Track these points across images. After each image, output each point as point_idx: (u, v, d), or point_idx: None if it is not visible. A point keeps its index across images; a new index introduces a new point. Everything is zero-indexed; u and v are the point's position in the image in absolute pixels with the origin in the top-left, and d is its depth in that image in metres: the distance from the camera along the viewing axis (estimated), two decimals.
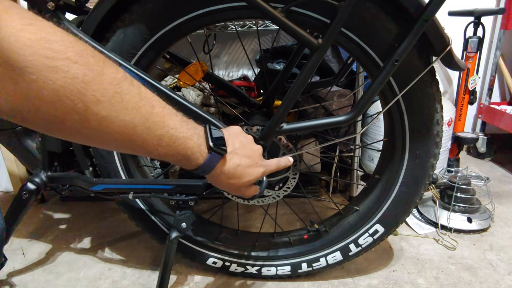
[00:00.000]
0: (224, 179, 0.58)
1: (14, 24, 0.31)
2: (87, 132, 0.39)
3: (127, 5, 0.73)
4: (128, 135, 0.42)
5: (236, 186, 0.60)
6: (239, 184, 0.60)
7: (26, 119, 0.35)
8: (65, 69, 0.34)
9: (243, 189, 0.62)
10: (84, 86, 0.36)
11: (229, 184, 0.60)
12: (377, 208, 0.88)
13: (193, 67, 0.98)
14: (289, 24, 0.65)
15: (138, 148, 0.45)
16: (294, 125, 0.75)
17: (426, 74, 0.72)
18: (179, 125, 0.48)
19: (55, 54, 0.33)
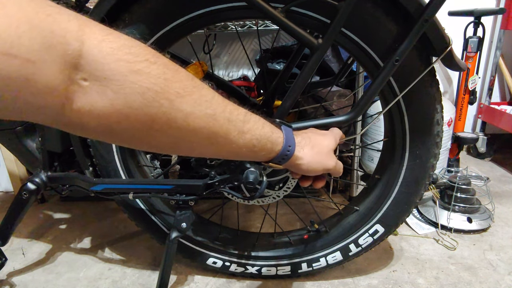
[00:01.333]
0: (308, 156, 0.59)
1: (95, 36, 0.32)
2: (175, 134, 0.40)
3: (127, 5, 0.73)
4: (212, 128, 0.43)
5: (319, 158, 0.60)
6: (322, 155, 0.61)
7: (115, 132, 0.36)
8: (147, 70, 0.35)
9: (326, 160, 0.61)
10: (166, 84, 0.37)
11: (313, 157, 0.60)
12: (377, 208, 0.88)
13: (193, 67, 0.98)
14: (289, 24, 0.65)
15: (222, 141, 0.45)
16: (294, 125, 0.75)
17: (426, 74, 0.72)
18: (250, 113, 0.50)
19: (136, 57, 0.35)
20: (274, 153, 0.54)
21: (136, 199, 0.91)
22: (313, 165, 0.60)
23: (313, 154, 0.59)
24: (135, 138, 0.38)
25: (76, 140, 0.85)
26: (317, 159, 0.60)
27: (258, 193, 0.76)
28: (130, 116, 0.35)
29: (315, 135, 0.62)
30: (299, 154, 0.57)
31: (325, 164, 0.61)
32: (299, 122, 0.75)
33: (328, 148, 0.62)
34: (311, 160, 0.59)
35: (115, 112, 0.34)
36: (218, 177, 0.80)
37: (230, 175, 0.80)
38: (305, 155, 0.58)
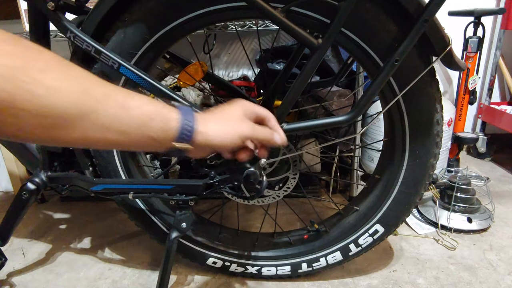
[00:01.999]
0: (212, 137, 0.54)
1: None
2: (42, 112, 0.38)
3: (127, 5, 0.73)
4: (85, 103, 0.41)
5: (229, 126, 0.56)
6: (230, 122, 0.57)
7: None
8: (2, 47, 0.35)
9: (237, 126, 0.57)
10: (26, 62, 0.37)
11: (222, 127, 0.55)
12: (377, 208, 0.88)
13: (193, 67, 0.98)
14: (289, 24, 0.65)
15: (102, 118, 0.43)
16: (294, 125, 0.75)
17: (426, 74, 0.72)
18: (135, 92, 0.47)
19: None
20: (171, 131, 0.49)
21: (136, 199, 0.91)
22: (224, 136, 0.55)
23: (220, 124, 0.55)
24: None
25: None
26: (226, 128, 0.55)
27: (258, 193, 0.76)
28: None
29: (218, 109, 0.58)
30: (203, 129, 0.52)
31: (237, 130, 0.56)
32: (299, 122, 0.75)
33: (235, 114, 0.57)
34: (220, 131, 0.54)
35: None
36: (218, 177, 0.81)
37: (230, 175, 0.80)
38: (211, 129, 0.53)
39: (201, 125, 0.52)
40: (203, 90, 1.39)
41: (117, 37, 0.75)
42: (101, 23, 0.73)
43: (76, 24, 0.73)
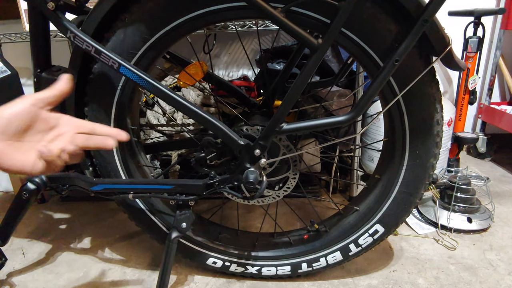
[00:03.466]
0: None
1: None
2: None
3: (127, 5, 0.73)
4: None
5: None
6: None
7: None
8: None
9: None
10: None
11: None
12: (377, 208, 0.88)
13: (193, 67, 0.98)
14: (289, 24, 0.65)
15: None
16: (294, 125, 0.75)
17: (426, 74, 0.72)
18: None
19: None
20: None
21: (136, 199, 0.91)
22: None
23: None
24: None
25: None
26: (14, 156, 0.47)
27: (258, 193, 0.76)
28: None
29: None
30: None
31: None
32: (299, 122, 0.75)
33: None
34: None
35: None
36: (218, 177, 0.81)
37: (230, 175, 0.80)
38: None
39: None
40: (203, 90, 1.39)
41: (117, 37, 0.75)
42: (101, 23, 0.73)
43: (76, 24, 0.73)
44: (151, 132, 1.35)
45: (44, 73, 0.81)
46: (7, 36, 1.44)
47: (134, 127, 0.90)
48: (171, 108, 1.37)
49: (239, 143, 0.76)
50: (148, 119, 1.36)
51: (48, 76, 0.81)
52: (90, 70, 0.79)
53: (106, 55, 0.71)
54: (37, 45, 0.80)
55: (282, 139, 0.81)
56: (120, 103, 0.81)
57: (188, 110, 0.74)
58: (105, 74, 0.78)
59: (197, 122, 0.74)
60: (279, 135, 0.78)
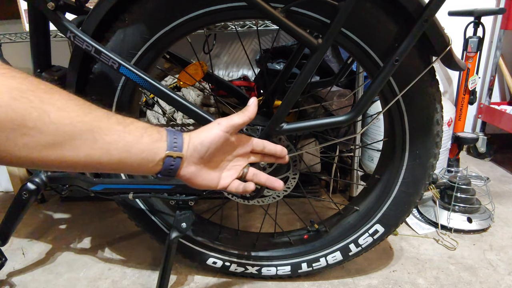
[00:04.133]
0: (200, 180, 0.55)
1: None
2: (50, 131, 0.39)
3: (127, 5, 0.73)
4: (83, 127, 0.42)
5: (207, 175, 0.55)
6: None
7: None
8: (10, 74, 0.38)
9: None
10: (33, 84, 0.39)
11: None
12: (377, 208, 0.88)
13: (193, 67, 0.98)
14: (289, 24, 0.65)
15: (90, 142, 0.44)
16: (294, 125, 0.75)
17: (426, 74, 0.72)
18: (131, 120, 0.48)
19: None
20: (156, 168, 0.50)
21: (136, 199, 0.91)
22: (207, 184, 0.55)
23: (202, 170, 0.54)
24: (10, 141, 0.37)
25: None
26: (208, 177, 0.55)
27: (258, 193, 0.76)
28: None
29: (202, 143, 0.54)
30: (185, 174, 0.53)
31: (217, 182, 0.56)
32: (299, 122, 0.75)
33: (219, 157, 0.55)
34: (200, 178, 0.54)
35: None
36: None
37: None
38: (193, 174, 0.54)
39: (184, 169, 0.52)
40: (203, 90, 1.39)
41: (117, 37, 0.75)
42: (101, 23, 0.73)
43: (76, 24, 0.73)
44: None
45: (44, 73, 0.81)
46: (7, 36, 1.44)
47: None
48: (171, 108, 1.37)
49: None
50: (148, 119, 1.36)
51: (48, 76, 0.81)
52: (90, 70, 0.79)
53: (106, 55, 0.71)
54: (37, 45, 0.80)
55: (282, 139, 0.81)
56: (120, 103, 0.81)
57: (188, 110, 0.74)
58: (105, 74, 0.78)
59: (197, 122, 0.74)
60: (279, 135, 0.78)
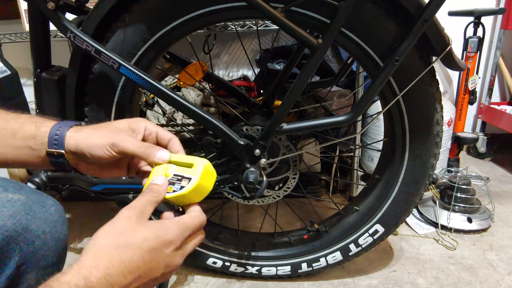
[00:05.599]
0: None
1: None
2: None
3: (127, 5, 0.73)
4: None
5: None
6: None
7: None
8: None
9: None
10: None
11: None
12: (377, 208, 0.88)
13: (193, 67, 0.98)
14: (289, 24, 0.65)
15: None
16: (294, 125, 0.75)
17: (426, 74, 0.72)
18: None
19: None
20: (43, 137, 0.48)
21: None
22: (96, 144, 0.48)
23: (94, 130, 0.50)
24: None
25: None
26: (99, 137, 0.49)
27: (258, 193, 0.76)
28: None
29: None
30: (74, 134, 0.49)
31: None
32: (299, 122, 0.75)
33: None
34: (90, 136, 0.49)
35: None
36: (218, 177, 0.81)
37: (230, 175, 0.80)
38: (82, 136, 0.49)
39: (72, 130, 0.49)
40: (203, 90, 1.39)
41: (117, 37, 0.75)
42: (101, 23, 0.73)
43: (76, 24, 0.73)
44: None
45: (44, 73, 0.81)
46: (7, 36, 1.44)
47: None
48: (171, 108, 1.37)
49: (239, 143, 0.76)
50: (148, 119, 1.36)
51: (48, 76, 0.81)
52: (90, 70, 0.79)
53: (106, 55, 0.71)
54: (37, 45, 0.80)
55: (282, 139, 0.81)
56: (120, 103, 0.81)
57: (188, 110, 0.74)
58: (105, 74, 0.78)
59: (197, 122, 0.74)
60: (279, 135, 0.78)
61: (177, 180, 0.48)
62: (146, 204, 0.44)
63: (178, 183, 0.48)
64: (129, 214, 0.42)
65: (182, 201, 0.49)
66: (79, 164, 0.51)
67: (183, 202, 0.49)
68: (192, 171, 0.48)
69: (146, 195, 0.45)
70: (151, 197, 0.45)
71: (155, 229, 0.42)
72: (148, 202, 0.44)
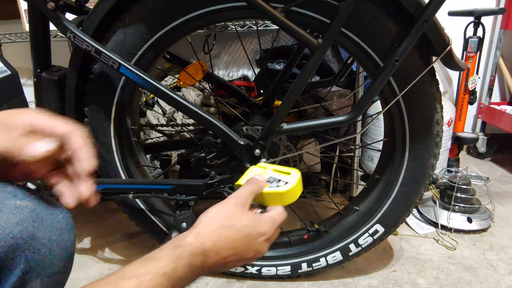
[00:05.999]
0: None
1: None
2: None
3: (127, 5, 0.73)
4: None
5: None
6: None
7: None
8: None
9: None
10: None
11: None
12: (377, 208, 0.88)
13: (193, 67, 0.98)
14: (289, 24, 0.65)
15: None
16: (294, 125, 0.75)
17: (426, 74, 0.72)
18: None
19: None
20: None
21: (136, 199, 0.91)
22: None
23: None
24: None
25: None
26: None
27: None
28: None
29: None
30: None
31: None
32: (299, 122, 0.76)
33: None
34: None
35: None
36: (218, 177, 0.81)
37: (230, 175, 0.80)
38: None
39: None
40: (203, 90, 1.39)
41: (117, 37, 0.75)
42: (101, 23, 0.73)
43: (76, 24, 0.73)
44: (151, 132, 1.35)
45: (44, 73, 0.81)
46: (7, 36, 1.44)
47: (134, 127, 0.90)
48: (171, 108, 1.37)
49: (239, 143, 0.76)
50: (148, 119, 1.36)
51: (48, 76, 0.81)
52: (90, 70, 0.79)
53: (106, 55, 0.71)
54: (37, 45, 0.80)
55: (282, 139, 0.81)
56: (120, 103, 0.81)
57: (188, 110, 0.74)
58: (105, 74, 0.78)
59: (197, 122, 0.74)
60: (279, 135, 0.78)
61: (274, 181, 0.59)
62: (248, 194, 0.54)
63: (275, 184, 0.58)
64: (236, 202, 0.53)
65: (272, 200, 0.57)
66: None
67: (272, 201, 0.57)
68: (288, 177, 0.59)
69: (248, 186, 0.55)
70: (252, 189, 0.55)
71: (254, 219, 0.53)
72: (249, 193, 0.55)
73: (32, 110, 0.45)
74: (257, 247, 0.54)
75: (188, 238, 0.48)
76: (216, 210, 0.54)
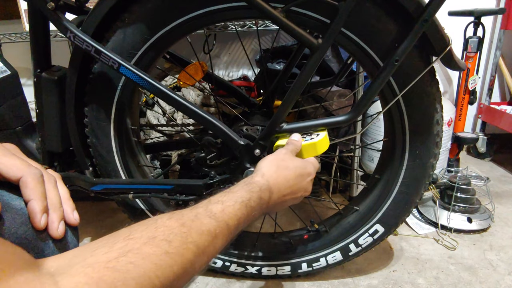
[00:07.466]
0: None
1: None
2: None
3: (127, 5, 0.73)
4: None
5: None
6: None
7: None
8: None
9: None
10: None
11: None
12: (377, 208, 0.88)
13: (193, 67, 0.98)
14: (289, 24, 0.65)
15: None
16: (294, 125, 0.75)
17: (426, 74, 0.72)
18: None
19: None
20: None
21: (136, 199, 0.91)
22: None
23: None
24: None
25: (76, 140, 0.85)
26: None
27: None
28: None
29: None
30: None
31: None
32: (299, 122, 0.76)
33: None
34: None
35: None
36: (218, 177, 0.81)
37: (230, 175, 0.80)
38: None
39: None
40: (203, 90, 1.39)
41: (117, 37, 0.75)
42: (101, 23, 0.73)
43: (76, 24, 0.73)
44: (151, 132, 1.35)
45: (44, 73, 0.81)
46: (7, 36, 1.44)
47: (134, 127, 0.90)
48: (171, 108, 1.37)
49: (239, 143, 0.76)
50: (148, 119, 1.36)
51: (48, 76, 0.81)
52: (90, 70, 0.79)
53: (106, 55, 0.71)
54: (37, 45, 0.80)
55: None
56: (120, 103, 0.81)
57: (188, 110, 0.74)
58: (105, 74, 0.78)
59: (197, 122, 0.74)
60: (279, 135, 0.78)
61: (307, 136, 0.73)
62: (292, 150, 0.68)
63: (308, 137, 0.72)
64: (285, 151, 0.66)
65: (308, 151, 0.70)
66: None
67: (308, 152, 0.70)
68: (317, 134, 0.73)
69: (289, 146, 0.69)
70: (293, 147, 0.68)
71: (302, 162, 0.67)
72: (291, 150, 0.67)
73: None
74: (306, 186, 0.66)
75: (256, 177, 0.59)
76: (272, 157, 0.65)
